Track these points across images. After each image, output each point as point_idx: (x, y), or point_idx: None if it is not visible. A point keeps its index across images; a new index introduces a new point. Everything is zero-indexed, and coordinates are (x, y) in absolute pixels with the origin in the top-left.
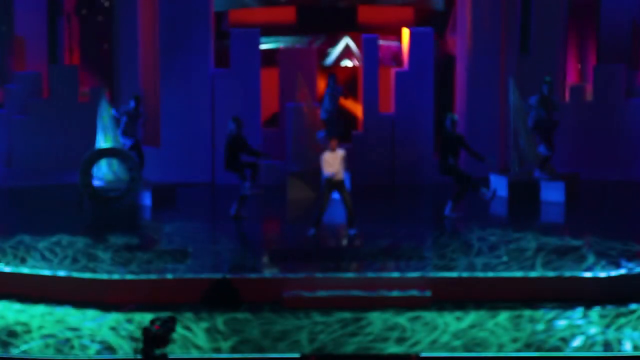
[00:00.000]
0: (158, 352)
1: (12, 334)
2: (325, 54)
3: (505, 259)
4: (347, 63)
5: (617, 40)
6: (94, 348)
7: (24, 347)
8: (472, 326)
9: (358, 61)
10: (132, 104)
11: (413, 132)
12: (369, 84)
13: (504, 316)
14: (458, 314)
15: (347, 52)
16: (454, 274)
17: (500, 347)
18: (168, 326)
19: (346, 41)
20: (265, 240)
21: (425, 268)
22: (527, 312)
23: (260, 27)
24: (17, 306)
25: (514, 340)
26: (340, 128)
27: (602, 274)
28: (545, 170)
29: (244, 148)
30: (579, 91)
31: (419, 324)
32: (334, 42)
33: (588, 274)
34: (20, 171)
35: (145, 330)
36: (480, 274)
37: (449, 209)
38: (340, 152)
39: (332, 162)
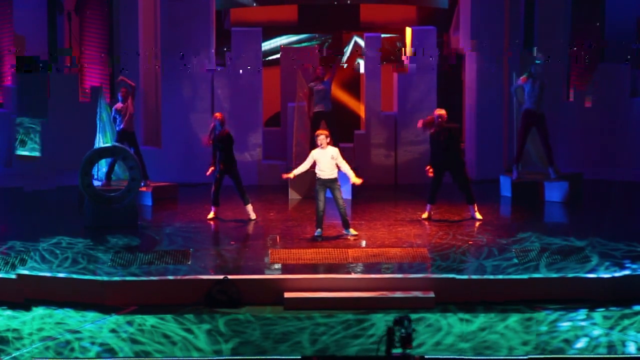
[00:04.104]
0: (401, 351)
1: (12, 335)
2: (335, 55)
3: (515, 261)
4: (360, 62)
5: (621, 40)
6: (94, 350)
7: (23, 349)
8: (478, 328)
9: None
10: (120, 98)
11: (416, 132)
12: (371, 83)
13: (511, 319)
14: (461, 315)
15: (358, 51)
16: (457, 276)
17: (510, 350)
18: (412, 326)
19: (355, 40)
20: (267, 241)
21: (429, 269)
22: (529, 314)
23: (261, 26)
24: (16, 307)
25: (522, 343)
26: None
27: (606, 275)
28: (553, 169)
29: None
30: (582, 90)
31: (423, 326)
32: (341, 43)
33: (592, 275)
34: (20, 171)
35: (391, 331)
36: (484, 276)
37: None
38: (331, 151)
39: (321, 159)
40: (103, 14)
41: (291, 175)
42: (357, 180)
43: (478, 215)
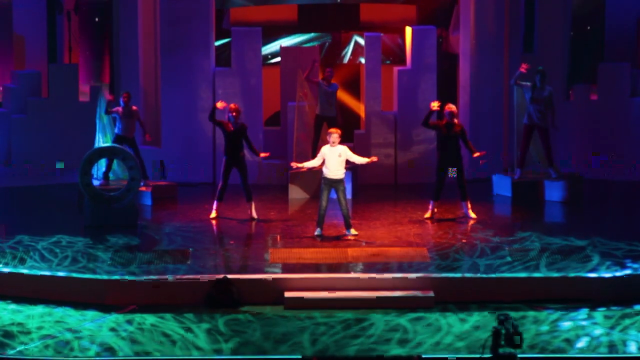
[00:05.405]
0: (507, 351)
1: (10, 334)
2: (336, 54)
3: (508, 259)
4: (362, 60)
5: (621, 39)
6: (93, 349)
7: (22, 348)
8: (475, 327)
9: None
10: (121, 102)
11: (415, 131)
12: (371, 82)
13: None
14: (461, 315)
15: (359, 50)
16: (457, 275)
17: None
18: (517, 325)
19: (355, 39)
20: (267, 240)
21: (428, 269)
22: (531, 313)
23: (261, 26)
24: (15, 307)
25: None
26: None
27: (607, 275)
28: (553, 169)
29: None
30: (583, 90)
31: (422, 325)
32: (342, 43)
33: (593, 275)
34: (20, 170)
35: (497, 331)
36: (483, 275)
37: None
38: (340, 149)
39: (329, 157)
40: (102, 13)
41: (300, 165)
42: (373, 158)
43: (471, 214)
